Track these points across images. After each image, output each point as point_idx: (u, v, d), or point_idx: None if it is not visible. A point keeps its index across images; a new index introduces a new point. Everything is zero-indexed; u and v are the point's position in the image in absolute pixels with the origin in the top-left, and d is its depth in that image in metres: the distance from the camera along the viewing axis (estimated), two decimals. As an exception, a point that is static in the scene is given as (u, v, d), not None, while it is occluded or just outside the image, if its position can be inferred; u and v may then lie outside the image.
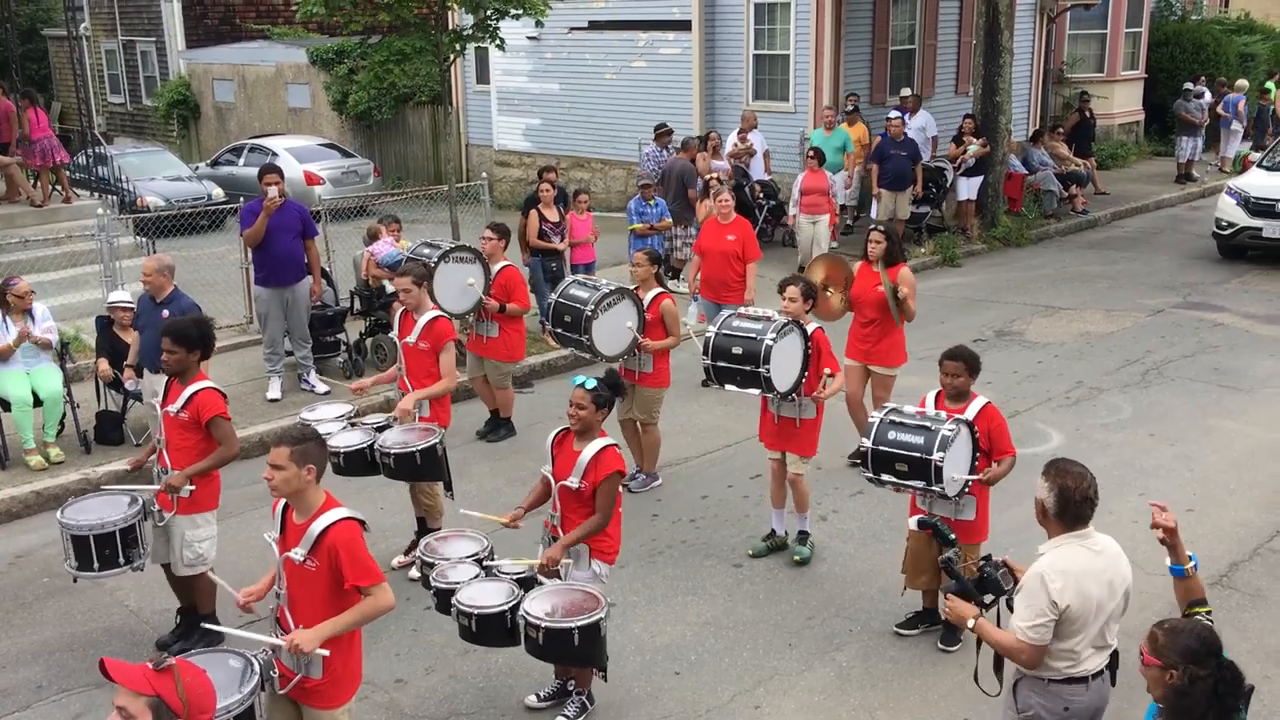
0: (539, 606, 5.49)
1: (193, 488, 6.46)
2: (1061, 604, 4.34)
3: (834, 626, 6.98)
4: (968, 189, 16.93)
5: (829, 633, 6.92)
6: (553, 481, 6.00)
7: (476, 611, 5.56)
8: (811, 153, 14.85)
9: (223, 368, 11.26)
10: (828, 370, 7.51)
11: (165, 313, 8.61)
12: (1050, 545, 4.50)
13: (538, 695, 6.24)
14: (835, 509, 8.58)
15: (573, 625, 5.38)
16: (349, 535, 4.69)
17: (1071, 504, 4.44)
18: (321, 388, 10.96)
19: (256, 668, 4.60)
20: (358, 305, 12.12)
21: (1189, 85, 21.66)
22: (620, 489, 6.07)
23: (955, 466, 6.22)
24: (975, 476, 6.32)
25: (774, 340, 7.24)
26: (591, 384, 5.93)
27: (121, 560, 6.42)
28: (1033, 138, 19.27)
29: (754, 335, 7.32)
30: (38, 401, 9.38)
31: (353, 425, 7.49)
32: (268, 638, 4.82)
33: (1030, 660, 4.45)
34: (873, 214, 15.96)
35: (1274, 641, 6.59)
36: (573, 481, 5.87)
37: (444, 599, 5.75)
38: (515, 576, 5.82)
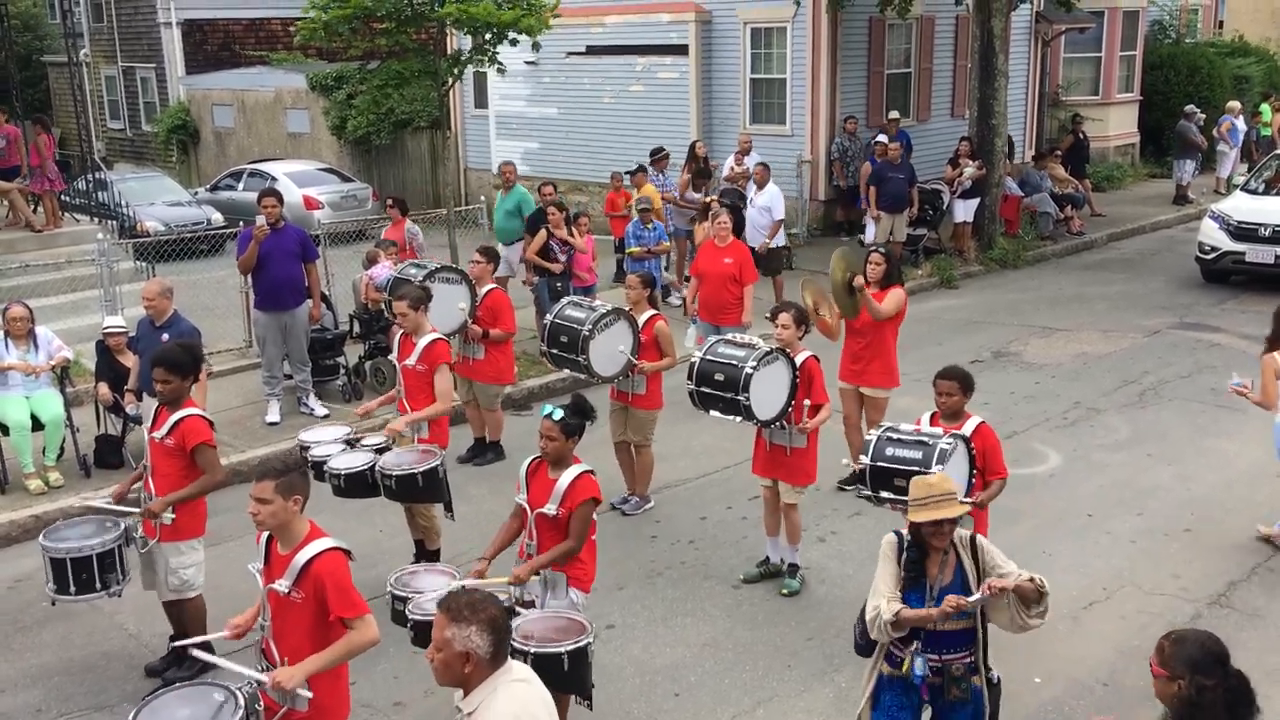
0: (524, 632, 5.39)
1: (174, 515, 6.39)
2: None
3: (833, 647, 6.97)
4: (964, 211, 17.00)
5: (828, 654, 6.91)
6: (528, 510, 5.99)
7: None
8: (390, 201, 13.31)
9: (222, 391, 11.29)
10: (808, 402, 7.43)
11: (165, 336, 8.60)
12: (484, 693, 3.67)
13: None
14: (834, 530, 8.58)
15: (562, 650, 5.30)
16: (334, 566, 4.68)
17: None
18: (321, 411, 10.97)
19: (241, 701, 4.54)
20: (357, 329, 12.18)
21: (1190, 108, 21.79)
22: (596, 517, 6.03)
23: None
24: (968, 500, 6.28)
25: (754, 369, 7.22)
26: (559, 414, 5.93)
27: (98, 585, 6.38)
28: (1034, 159, 19.35)
29: (735, 363, 7.31)
30: (38, 425, 9.39)
31: (351, 447, 7.48)
32: (250, 670, 4.78)
33: None
34: (869, 237, 16.02)
35: (1272, 660, 6.59)
36: (550, 509, 5.87)
37: (422, 631, 5.63)
38: None
